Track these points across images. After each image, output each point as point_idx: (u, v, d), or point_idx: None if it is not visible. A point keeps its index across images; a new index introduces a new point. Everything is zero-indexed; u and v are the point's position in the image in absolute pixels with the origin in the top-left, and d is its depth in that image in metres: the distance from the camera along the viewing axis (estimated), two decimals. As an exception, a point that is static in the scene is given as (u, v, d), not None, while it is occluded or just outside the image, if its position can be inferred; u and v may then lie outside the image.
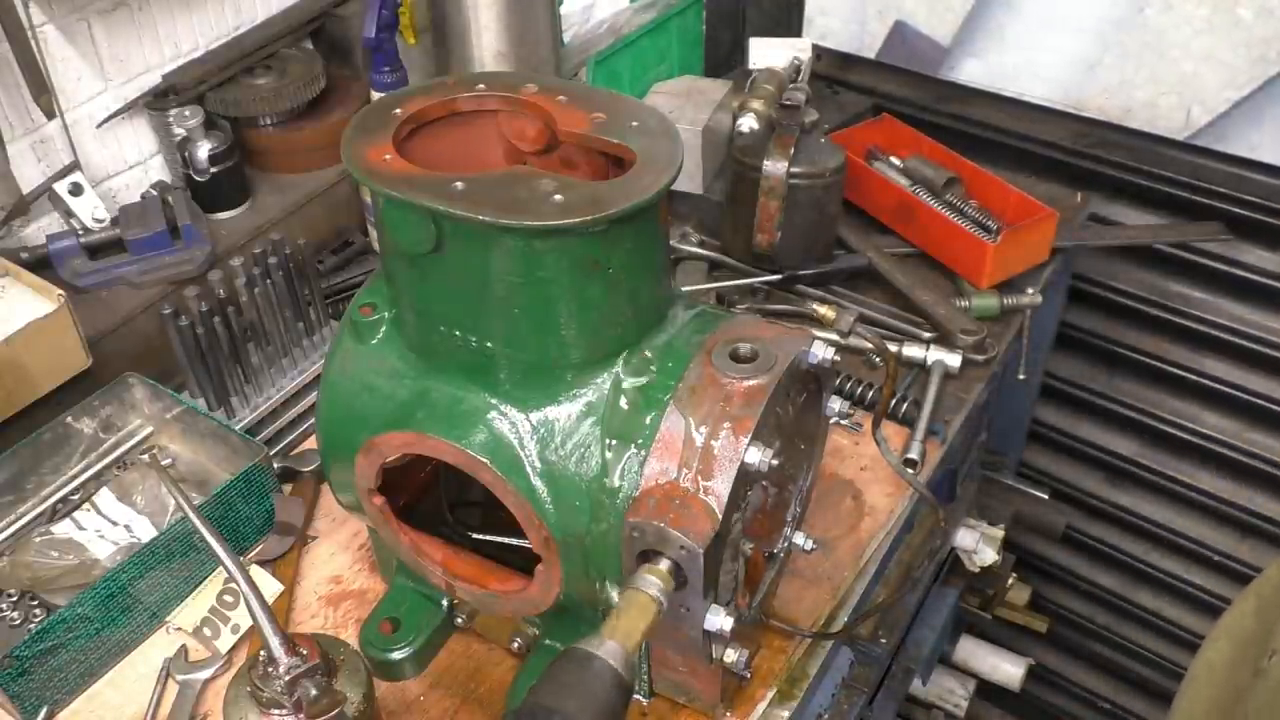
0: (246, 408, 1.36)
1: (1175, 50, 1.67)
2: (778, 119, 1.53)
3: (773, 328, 0.95)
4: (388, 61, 1.51)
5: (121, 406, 1.33)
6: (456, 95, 0.95)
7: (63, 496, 1.27)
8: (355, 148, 0.87)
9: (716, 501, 0.85)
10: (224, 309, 1.30)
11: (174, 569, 1.16)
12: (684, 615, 0.88)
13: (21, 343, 1.22)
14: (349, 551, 1.25)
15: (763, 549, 1.03)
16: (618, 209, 0.80)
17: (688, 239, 1.65)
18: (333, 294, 1.57)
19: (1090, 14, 1.72)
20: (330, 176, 1.63)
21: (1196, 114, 1.70)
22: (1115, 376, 2.04)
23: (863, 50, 2.00)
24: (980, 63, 1.87)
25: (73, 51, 1.41)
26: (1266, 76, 1.61)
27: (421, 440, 0.93)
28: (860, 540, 1.25)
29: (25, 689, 1.05)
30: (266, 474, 1.24)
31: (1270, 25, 1.58)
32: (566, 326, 0.88)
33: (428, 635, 1.11)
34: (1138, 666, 2.32)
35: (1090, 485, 2.17)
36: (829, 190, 1.52)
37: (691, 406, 0.88)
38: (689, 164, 1.67)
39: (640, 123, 0.90)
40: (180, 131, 1.50)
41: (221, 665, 1.12)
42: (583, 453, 0.90)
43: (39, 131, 1.41)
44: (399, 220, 0.85)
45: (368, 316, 0.99)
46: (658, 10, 1.95)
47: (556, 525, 0.91)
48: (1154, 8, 1.66)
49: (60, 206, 1.43)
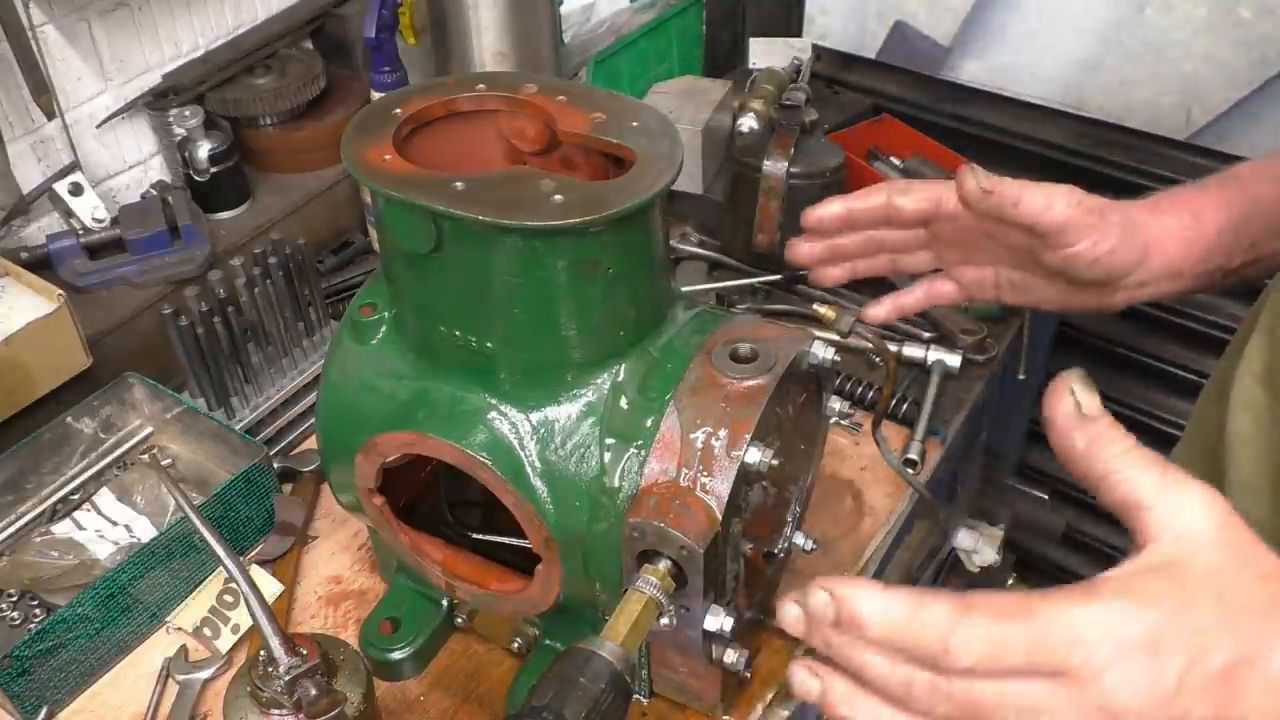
0: (246, 408, 1.36)
1: (1175, 50, 1.67)
2: (778, 119, 1.53)
3: (773, 328, 0.95)
4: (388, 61, 1.51)
5: (121, 406, 1.33)
6: (456, 95, 0.95)
7: (63, 496, 1.27)
8: (355, 148, 0.87)
9: (716, 501, 0.85)
10: (224, 309, 1.30)
11: (174, 569, 1.16)
12: (684, 615, 0.88)
13: (21, 343, 1.22)
14: (349, 551, 1.25)
15: (763, 549, 1.03)
16: (618, 209, 0.80)
17: (688, 239, 1.65)
18: (333, 294, 1.57)
19: (1090, 14, 1.72)
20: (330, 176, 1.62)
21: (1196, 114, 1.70)
22: (1115, 376, 2.03)
23: (863, 50, 2.00)
24: (980, 63, 1.87)
25: (73, 51, 1.41)
26: (1266, 76, 1.61)
27: (421, 440, 0.93)
28: (860, 540, 1.25)
29: (25, 689, 1.05)
30: (266, 474, 1.24)
31: (1270, 25, 1.57)
32: (566, 326, 0.88)
33: (428, 635, 1.11)
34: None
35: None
36: (829, 190, 1.52)
37: (691, 406, 0.88)
38: (689, 164, 1.67)
39: (640, 123, 0.90)
40: (180, 131, 1.50)
41: (221, 665, 1.12)
42: (583, 453, 0.90)
43: (39, 131, 1.41)
44: (399, 220, 0.85)
45: (368, 316, 0.99)
46: (658, 10, 1.95)
47: (556, 525, 0.91)
48: (1154, 8, 1.66)
49: (60, 206, 1.43)
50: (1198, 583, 0.54)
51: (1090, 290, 0.95)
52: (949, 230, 0.97)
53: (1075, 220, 0.90)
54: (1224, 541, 0.55)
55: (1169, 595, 0.54)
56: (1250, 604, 0.54)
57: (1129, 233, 0.91)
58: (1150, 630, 0.52)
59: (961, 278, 1.01)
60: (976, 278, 1.01)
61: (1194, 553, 0.55)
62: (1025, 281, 0.98)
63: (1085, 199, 0.91)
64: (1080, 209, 0.90)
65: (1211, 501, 0.56)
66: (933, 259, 1.01)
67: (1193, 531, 0.55)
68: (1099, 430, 0.57)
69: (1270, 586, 0.54)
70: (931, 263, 1.02)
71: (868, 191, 0.96)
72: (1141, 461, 0.57)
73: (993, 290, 1.01)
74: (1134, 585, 0.54)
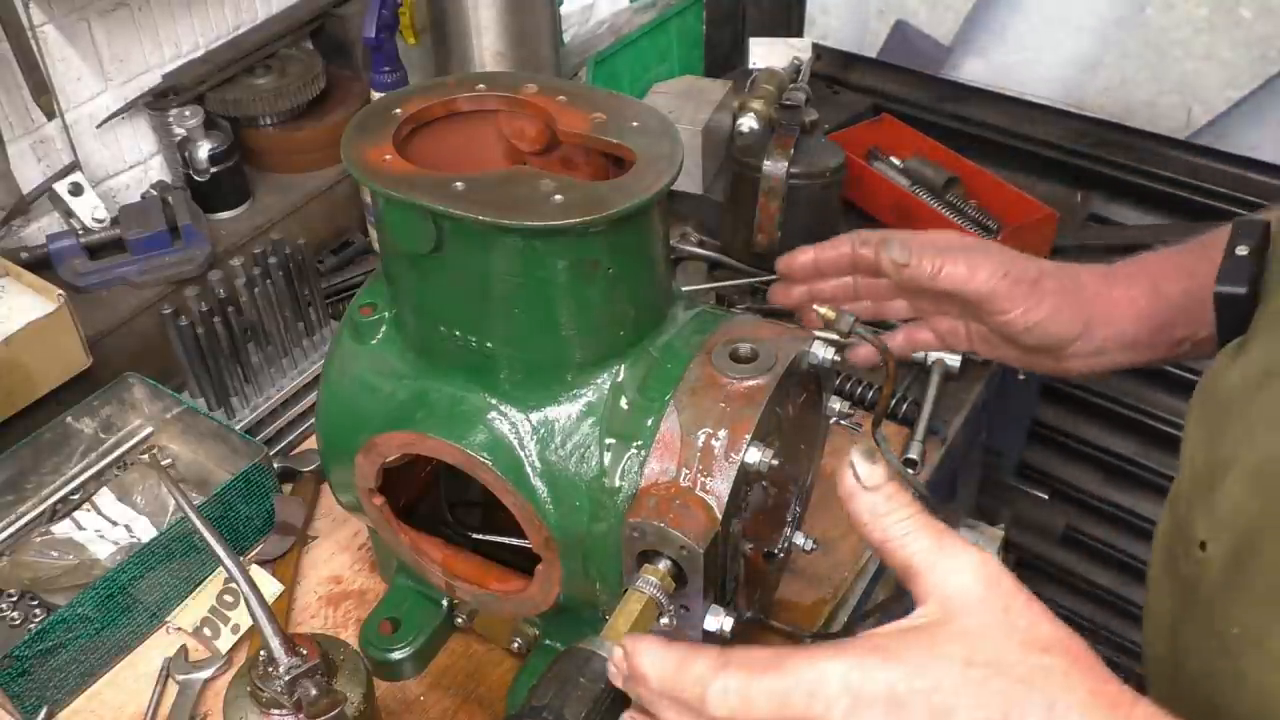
0: (246, 408, 1.36)
1: (1176, 49, 1.67)
2: (778, 119, 1.53)
3: (773, 328, 0.95)
4: (388, 61, 1.51)
5: (121, 406, 1.33)
6: (456, 95, 0.95)
7: (63, 496, 1.27)
8: (355, 148, 0.87)
9: (716, 501, 0.85)
10: (224, 309, 1.30)
11: (174, 569, 1.16)
12: (684, 615, 0.88)
13: (21, 343, 1.22)
14: (349, 551, 1.25)
15: (763, 549, 1.03)
16: (618, 209, 0.80)
17: (688, 239, 1.65)
18: (333, 294, 1.57)
19: (1091, 13, 1.72)
20: (330, 176, 1.62)
21: (1197, 113, 1.70)
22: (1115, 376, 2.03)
23: (863, 50, 2.00)
24: (981, 62, 1.87)
25: (73, 51, 1.41)
26: (1267, 76, 1.61)
27: (421, 440, 0.93)
28: (860, 540, 1.25)
29: (25, 689, 1.05)
30: (266, 474, 1.24)
31: (1271, 24, 1.57)
32: (566, 326, 0.88)
33: (428, 635, 1.11)
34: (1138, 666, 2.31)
35: (1090, 485, 2.17)
36: (829, 190, 1.52)
37: (691, 406, 0.88)
38: (689, 164, 1.67)
39: (640, 123, 0.90)
40: (180, 131, 1.50)
41: (221, 665, 1.12)
42: (583, 453, 0.90)
43: (39, 131, 1.41)
44: (399, 220, 0.85)
45: (368, 316, 0.99)
46: (658, 10, 1.95)
47: (556, 525, 0.91)
48: (1154, 7, 1.66)
49: (60, 206, 1.43)
50: (949, 644, 0.56)
51: (1042, 354, 0.96)
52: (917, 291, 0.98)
53: (1002, 290, 0.91)
54: (989, 606, 0.57)
55: (915, 654, 0.56)
56: (1006, 669, 0.54)
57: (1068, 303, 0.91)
58: (889, 687, 0.55)
59: (936, 327, 1.03)
60: (950, 328, 1.03)
61: (955, 615, 0.57)
62: (991, 338, 0.99)
63: (1015, 268, 0.92)
64: (1007, 280, 0.91)
65: (980, 566, 0.58)
66: (909, 308, 1.03)
67: (958, 596, 0.57)
68: (877, 500, 0.61)
69: (1032, 655, 0.55)
70: (909, 310, 1.04)
71: (834, 241, 1.00)
72: (919, 529, 0.60)
73: (965, 342, 1.02)
74: (884, 643, 0.57)
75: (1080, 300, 0.92)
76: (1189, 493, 0.78)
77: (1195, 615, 0.77)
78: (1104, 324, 0.92)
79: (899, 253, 0.93)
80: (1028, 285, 0.91)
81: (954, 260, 0.92)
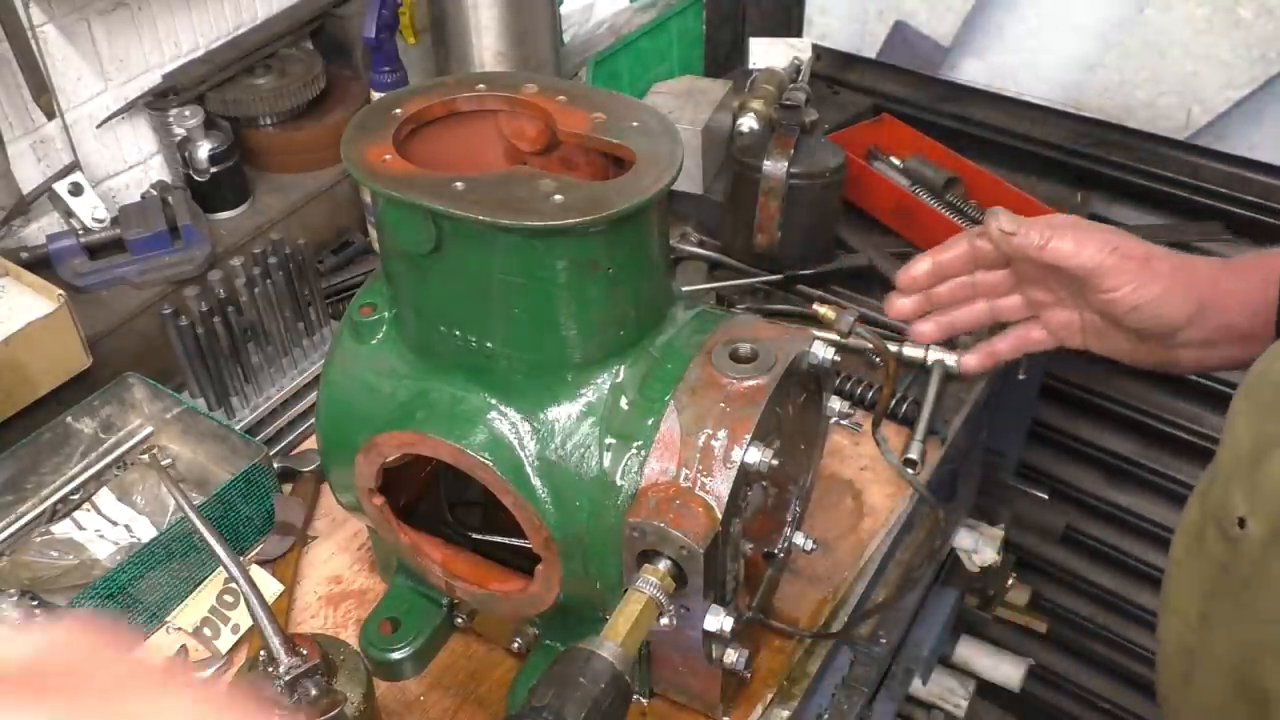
0: (246, 408, 1.36)
1: (1176, 50, 1.67)
2: (778, 119, 1.53)
3: (773, 328, 0.95)
4: (388, 61, 1.51)
5: (121, 406, 1.33)
6: (456, 95, 0.95)
7: (63, 496, 1.27)
8: (355, 148, 0.87)
9: (716, 501, 0.85)
10: (224, 309, 1.30)
11: (174, 569, 1.16)
12: (684, 615, 0.88)
13: (21, 343, 1.22)
14: (349, 551, 1.25)
15: (763, 549, 1.03)
16: (618, 209, 0.80)
17: (688, 239, 1.65)
18: (333, 294, 1.57)
19: (1090, 14, 1.72)
20: (330, 176, 1.62)
21: (1197, 114, 1.70)
22: (1115, 376, 2.03)
23: (863, 50, 2.00)
24: (981, 62, 1.87)
25: (73, 51, 1.40)
26: (1267, 76, 1.61)
27: (421, 440, 0.93)
28: (860, 540, 1.25)
29: (25, 689, 1.05)
30: (266, 474, 1.24)
31: (1270, 25, 1.57)
32: (566, 326, 0.88)
33: (428, 635, 1.11)
34: (1138, 666, 2.32)
35: (1090, 485, 2.17)
36: (829, 190, 1.52)
37: (691, 406, 0.88)
38: (689, 164, 1.67)
39: (640, 123, 0.90)
40: (180, 131, 1.50)
41: (221, 665, 1.12)
42: (583, 453, 0.90)
43: (39, 131, 1.41)
44: (399, 220, 0.85)
45: (368, 316, 0.99)
46: (658, 10, 1.95)
47: (557, 525, 0.91)
48: (1154, 7, 1.66)
49: (60, 206, 1.43)
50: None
51: (1152, 343, 0.95)
52: (1029, 270, 0.98)
53: (1109, 266, 0.90)
54: None
55: None
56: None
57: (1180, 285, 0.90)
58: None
59: (1050, 321, 1.02)
60: (1065, 320, 1.01)
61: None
62: (1104, 328, 0.98)
63: (1124, 245, 0.91)
64: (1116, 255, 0.90)
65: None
66: (1024, 304, 1.03)
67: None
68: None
69: None
70: (1024, 308, 1.03)
71: (951, 241, 1.00)
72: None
73: (1079, 335, 1.01)
74: None
75: (1193, 284, 0.91)
76: (1229, 472, 0.78)
77: (1228, 592, 0.76)
78: (1217, 312, 0.90)
79: (1007, 222, 0.93)
80: (1137, 262, 0.91)
81: (1062, 234, 0.92)
